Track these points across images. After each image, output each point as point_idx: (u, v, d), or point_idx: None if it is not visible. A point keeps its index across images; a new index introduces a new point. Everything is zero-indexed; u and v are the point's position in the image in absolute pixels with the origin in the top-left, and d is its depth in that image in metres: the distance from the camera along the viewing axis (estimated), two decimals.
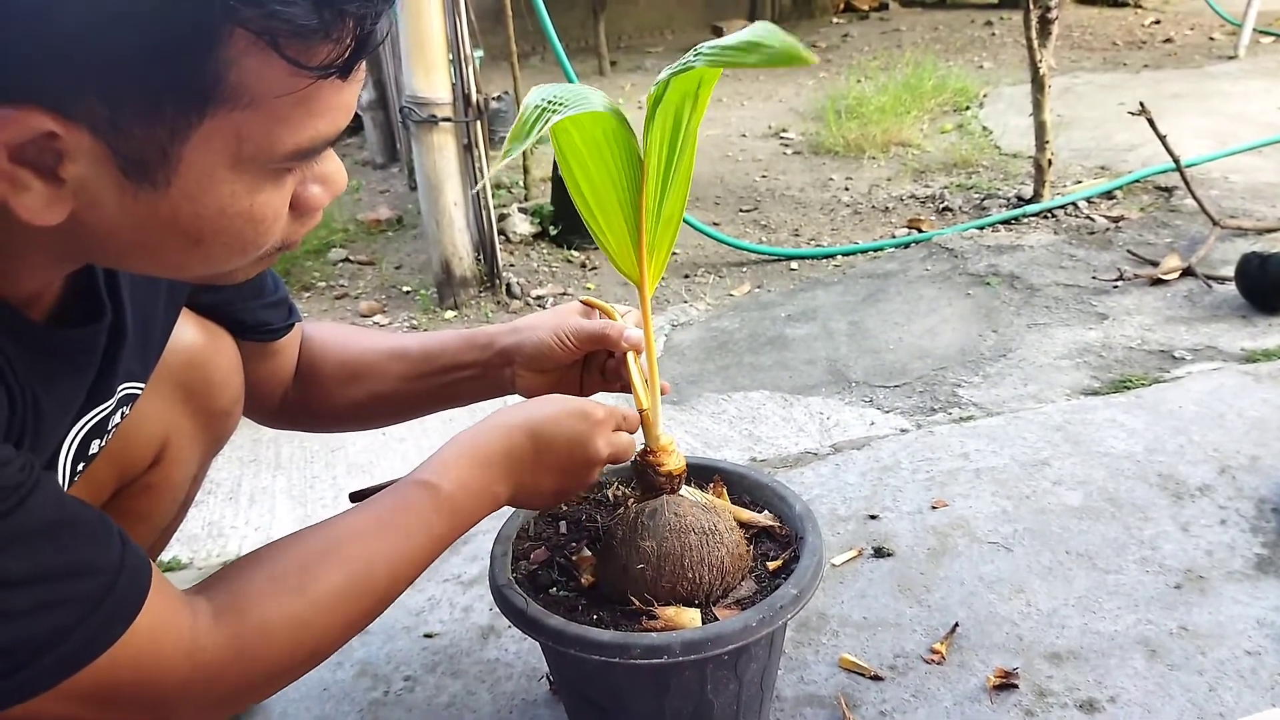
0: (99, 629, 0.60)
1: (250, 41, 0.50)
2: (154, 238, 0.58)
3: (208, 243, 0.59)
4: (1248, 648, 1.16)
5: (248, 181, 0.57)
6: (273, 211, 0.60)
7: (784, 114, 4.59)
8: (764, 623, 0.88)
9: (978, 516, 1.46)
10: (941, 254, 2.64)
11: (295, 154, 0.57)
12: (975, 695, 1.12)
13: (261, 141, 0.55)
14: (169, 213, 0.56)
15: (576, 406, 0.91)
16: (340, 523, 0.78)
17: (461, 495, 0.82)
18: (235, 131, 0.54)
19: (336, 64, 0.54)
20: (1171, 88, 4.26)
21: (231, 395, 0.98)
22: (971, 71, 4.96)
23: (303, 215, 0.64)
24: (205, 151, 0.54)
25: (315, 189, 0.64)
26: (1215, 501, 1.45)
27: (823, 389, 1.96)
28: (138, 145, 0.52)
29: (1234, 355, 1.91)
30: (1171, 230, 2.64)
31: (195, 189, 0.55)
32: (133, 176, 0.53)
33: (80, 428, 0.73)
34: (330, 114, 0.57)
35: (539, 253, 2.92)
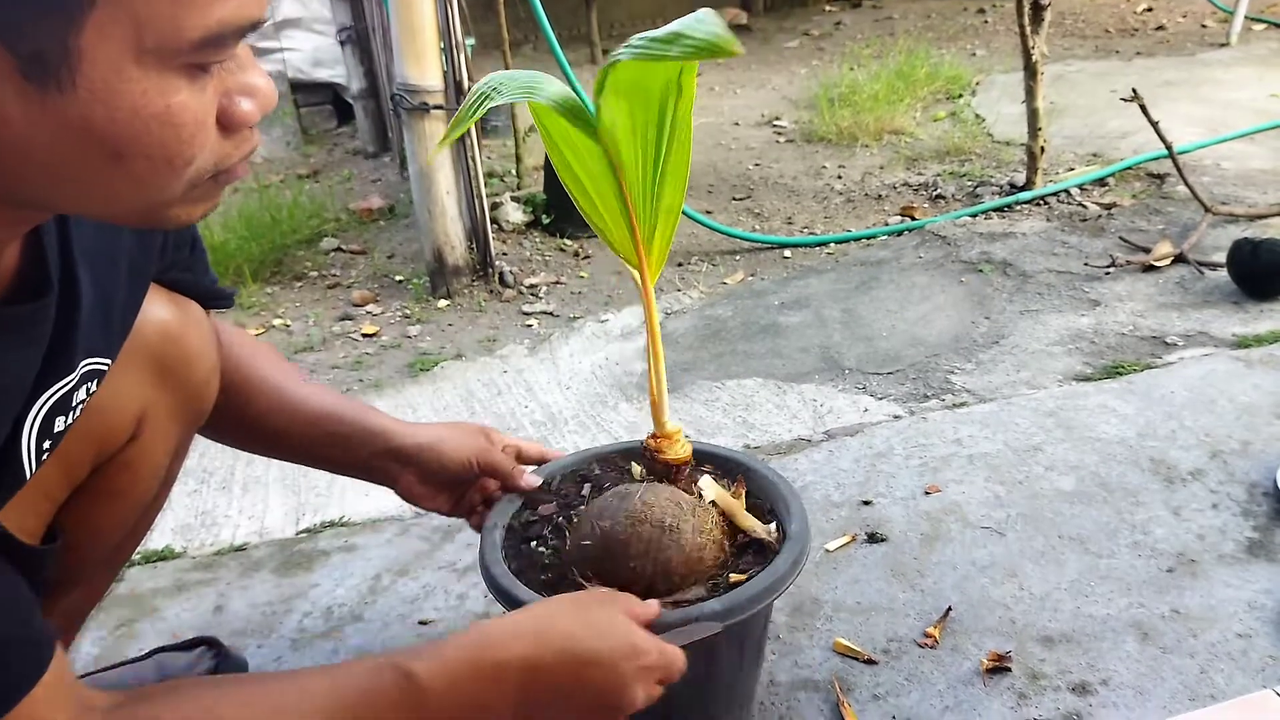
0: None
1: None
2: (71, 153, 0.54)
3: (128, 155, 0.55)
4: (1239, 630, 1.17)
5: (157, 79, 0.53)
6: (192, 116, 0.56)
7: (777, 102, 4.58)
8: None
9: (970, 502, 1.46)
10: (934, 241, 2.64)
11: (203, 42, 0.53)
12: (968, 678, 1.13)
13: (164, 27, 0.51)
14: (79, 118, 0.52)
15: (632, 642, 0.78)
16: (286, 689, 0.70)
17: (446, 701, 0.72)
18: (132, 15, 0.50)
19: None
20: (1164, 75, 4.26)
21: (207, 367, 0.97)
22: (964, 59, 4.95)
23: (233, 133, 0.60)
24: (104, 40, 0.50)
25: (244, 103, 0.60)
26: (1207, 486, 1.45)
27: (816, 376, 1.96)
28: (30, 39, 0.49)
29: (1225, 341, 1.91)
30: (1163, 217, 2.64)
31: (103, 87, 0.52)
32: (34, 78, 0.50)
33: (42, 404, 0.71)
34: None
35: (532, 241, 2.91)
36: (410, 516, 1.57)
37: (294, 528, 1.57)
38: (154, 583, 1.44)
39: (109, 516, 0.95)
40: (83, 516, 0.91)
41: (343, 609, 1.35)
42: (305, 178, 3.96)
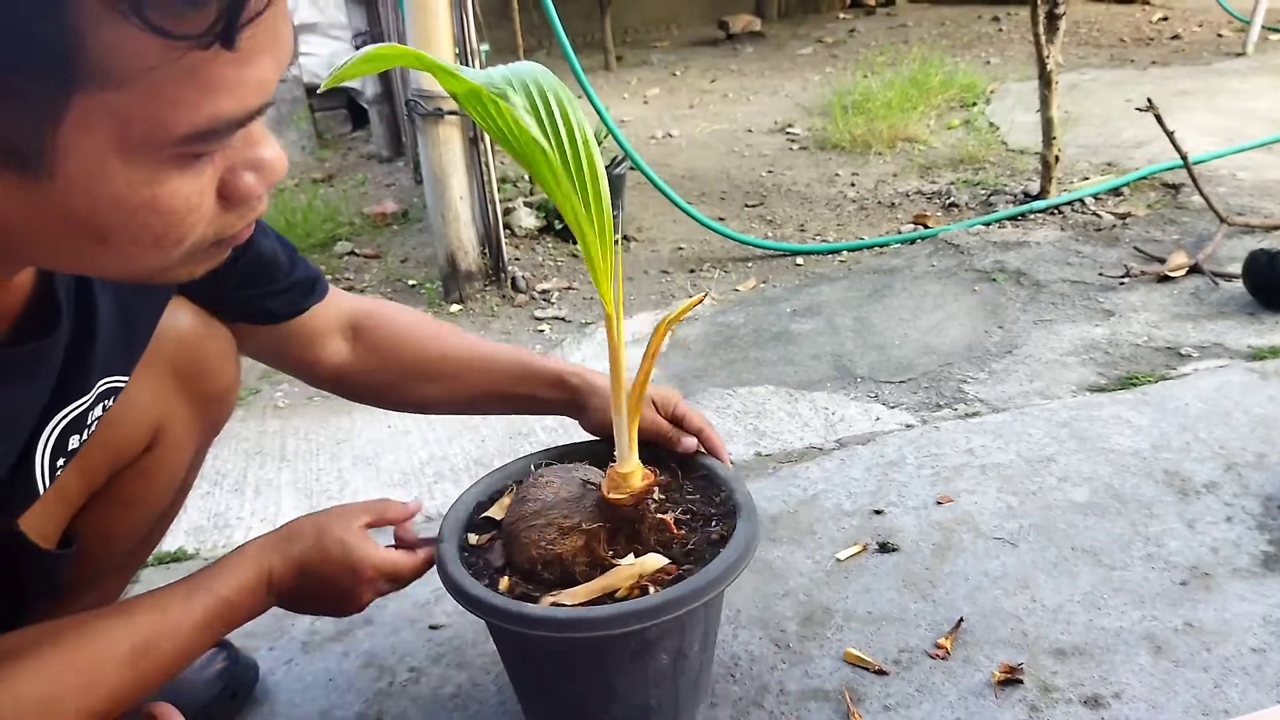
0: None
1: (102, 8, 0.44)
2: (56, 234, 0.53)
3: (115, 239, 0.53)
4: (1253, 645, 1.16)
5: (145, 170, 0.51)
6: (183, 202, 0.53)
7: (790, 109, 4.58)
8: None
9: (983, 512, 1.46)
10: (947, 250, 2.63)
11: (195, 137, 0.50)
12: (980, 690, 1.12)
13: (150, 124, 0.49)
14: (61, 206, 0.50)
15: (348, 562, 0.95)
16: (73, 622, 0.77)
17: (234, 601, 0.88)
18: (114, 113, 0.48)
19: (213, 31, 0.47)
20: (1179, 84, 4.24)
21: (225, 381, 0.98)
22: (979, 67, 4.94)
23: (237, 206, 0.58)
24: (85, 136, 0.48)
25: (248, 177, 0.57)
26: (1221, 499, 1.44)
27: (828, 384, 1.96)
28: (7, 134, 0.47)
29: (1241, 352, 1.90)
30: (1179, 227, 2.63)
31: (84, 178, 0.50)
32: (11, 166, 0.49)
33: (55, 426, 0.72)
34: (233, 91, 0.50)
35: (544, 247, 2.92)
36: (420, 522, 1.58)
37: None
38: (166, 583, 1.45)
39: (124, 523, 0.96)
40: (98, 522, 0.92)
41: None
42: (320, 182, 3.98)
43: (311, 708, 1.18)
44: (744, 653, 1.21)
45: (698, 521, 1.03)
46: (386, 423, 1.92)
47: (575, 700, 1.01)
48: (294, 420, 1.98)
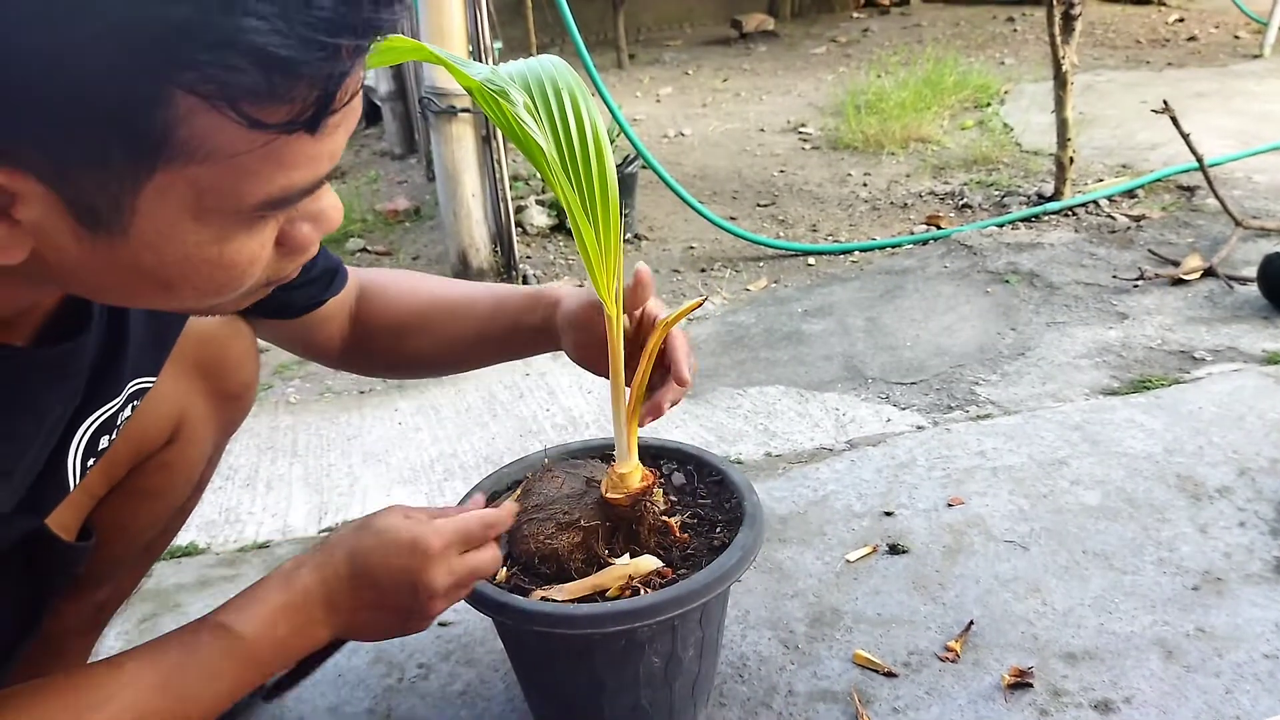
0: None
1: (196, 101, 0.46)
2: (120, 281, 0.55)
3: (177, 288, 0.56)
4: (1265, 651, 1.15)
5: (215, 230, 0.53)
6: (247, 257, 0.56)
7: (803, 109, 4.57)
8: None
9: (994, 515, 1.45)
10: (960, 251, 2.62)
11: (266, 204, 0.53)
12: (989, 693, 1.12)
13: (225, 194, 0.51)
14: (131, 260, 0.53)
15: (407, 537, 0.81)
16: (114, 674, 0.70)
17: (264, 643, 0.75)
18: (193, 185, 0.50)
19: (300, 121, 0.49)
20: (1195, 86, 4.22)
21: (245, 378, 0.99)
22: (993, 68, 4.93)
23: (292, 253, 0.60)
24: (162, 203, 0.50)
25: (305, 227, 0.60)
26: (1234, 503, 1.44)
27: (839, 385, 1.95)
28: (87, 195, 0.49)
29: (1255, 357, 1.89)
30: (1193, 230, 2.61)
31: (156, 238, 0.52)
32: (87, 224, 0.50)
33: (88, 427, 0.73)
34: (307, 164, 0.53)
35: (556, 245, 2.92)
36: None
37: (316, 526, 1.58)
38: (178, 578, 1.46)
39: (143, 516, 0.96)
40: (117, 515, 0.92)
41: None
42: (332, 178, 3.99)
43: (321, 703, 1.19)
44: (753, 653, 1.21)
45: (703, 526, 1.03)
46: (397, 419, 1.93)
47: (568, 696, 1.02)
48: (305, 416, 1.98)
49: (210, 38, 0.45)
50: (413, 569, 0.80)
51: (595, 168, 0.85)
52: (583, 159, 0.85)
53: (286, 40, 0.46)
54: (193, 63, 0.45)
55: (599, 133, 0.86)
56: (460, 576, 0.83)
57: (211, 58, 0.45)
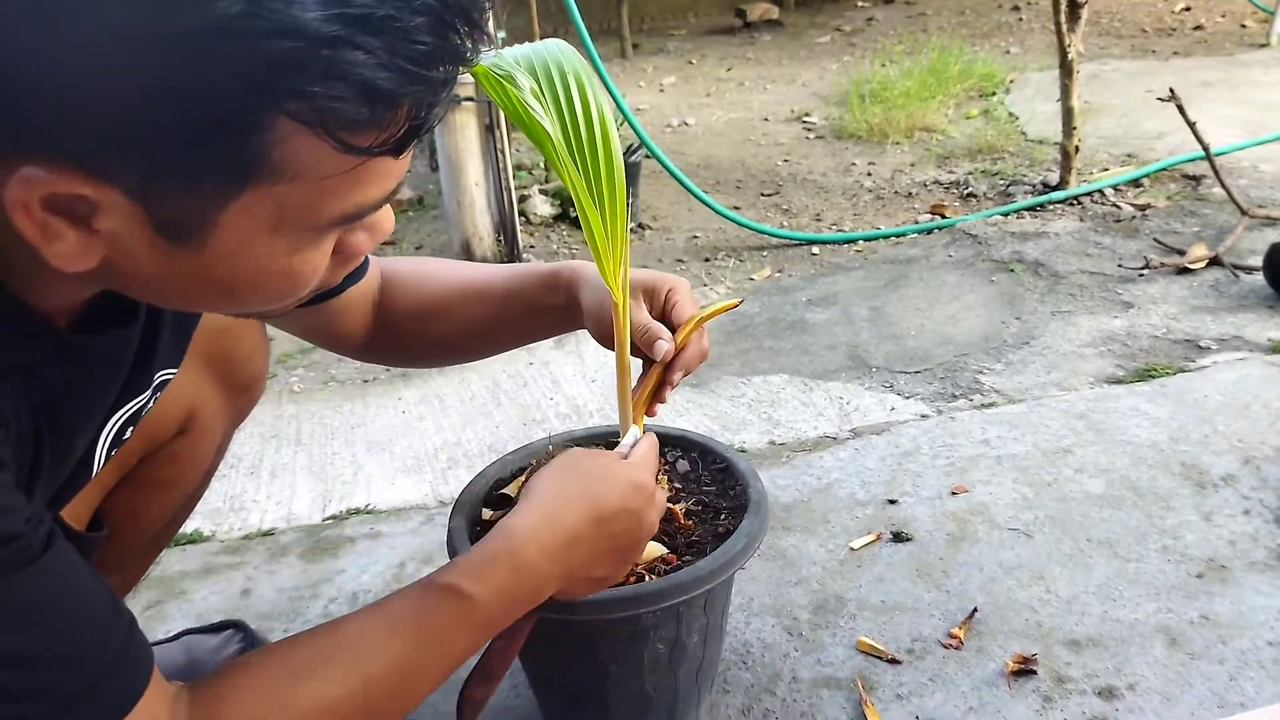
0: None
1: (297, 126, 0.49)
2: (189, 288, 0.57)
3: (242, 294, 0.58)
4: (1269, 638, 1.15)
5: (288, 243, 0.55)
6: (312, 268, 0.58)
7: (807, 98, 4.56)
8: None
9: (998, 503, 1.45)
10: (965, 240, 2.62)
11: (341, 220, 0.56)
12: (993, 680, 1.12)
13: (304, 210, 0.54)
14: (202, 269, 0.55)
15: (634, 479, 0.81)
16: (349, 628, 0.70)
17: (497, 607, 0.74)
18: (277, 202, 0.52)
19: (389, 145, 0.52)
20: (1201, 75, 4.20)
21: (256, 370, 0.99)
22: (998, 56, 4.90)
23: (346, 261, 0.63)
24: (244, 218, 0.52)
25: (361, 236, 0.62)
26: (1239, 492, 1.43)
27: (843, 374, 1.95)
28: (172, 210, 0.51)
29: (1260, 345, 1.89)
30: (1199, 219, 2.60)
31: (232, 249, 0.54)
32: (166, 236, 0.52)
33: (117, 420, 0.73)
34: (382, 181, 0.56)
35: (559, 234, 2.92)
36: (435, 506, 1.58)
37: (321, 514, 1.59)
38: (183, 565, 1.46)
39: (152, 506, 0.97)
40: (127, 505, 0.92)
41: (368, 595, 1.36)
42: None
43: None
44: (756, 640, 1.21)
45: (708, 513, 1.03)
46: (400, 408, 1.93)
47: (573, 682, 1.02)
48: (309, 404, 1.99)
49: (320, 69, 0.47)
50: (638, 510, 0.80)
51: (601, 152, 0.85)
52: (589, 144, 0.84)
53: (389, 73, 0.49)
54: (302, 93, 0.47)
55: (605, 117, 0.85)
56: (660, 514, 0.84)
57: (321, 89, 0.47)
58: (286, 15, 0.46)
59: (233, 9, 0.45)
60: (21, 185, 0.48)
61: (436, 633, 0.71)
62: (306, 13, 0.46)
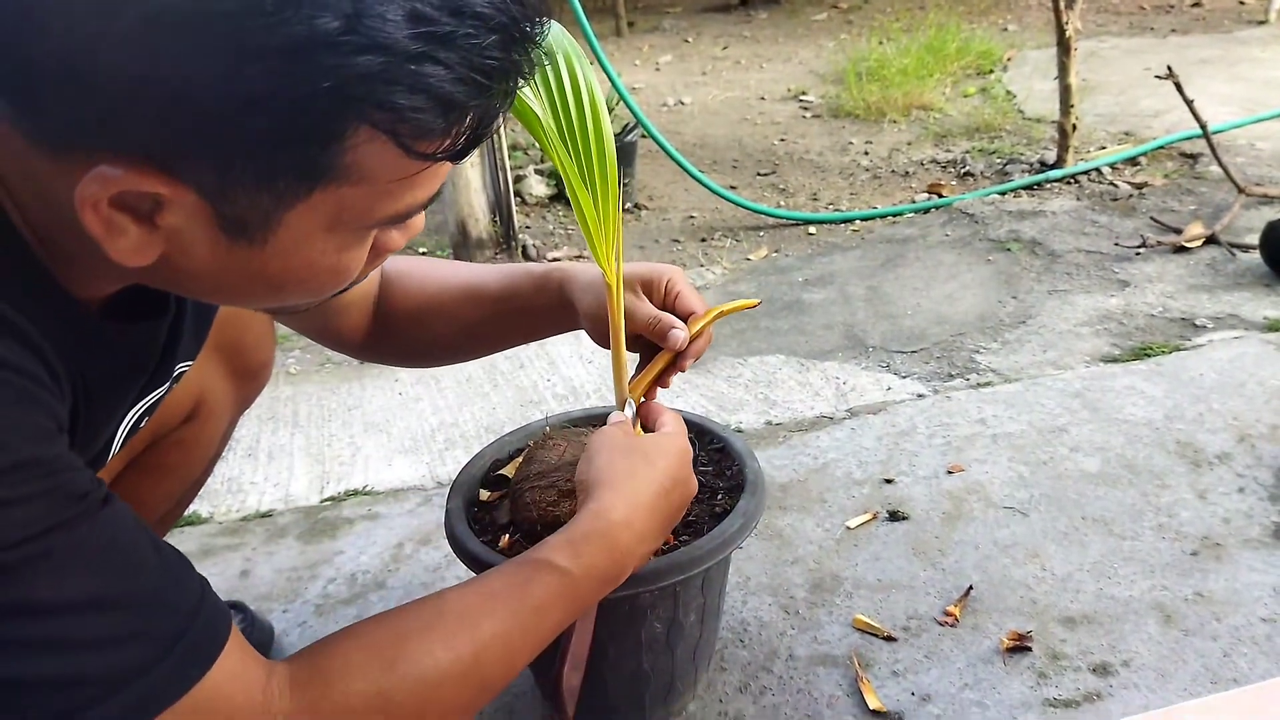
0: (174, 672, 0.55)
1: (373, 134, 0.51)
2: (238, 282, 0.59)
3: (288, 290, 0.60)
4: (1263, 615, 1.16)
5: (339, 241, 0.58)
6: (356, 264, 0.61)
7: (803, 76, 4.53)
8: None
9: (994, 482, 1.46)
10: (962, 219, 2.61)
11: (390, 219, 0.58)
12: (988, 657, 1.13)
13: (362, 210, 0.56)
14: (259, 266, 0.57)
15: (681, 447, 0.85)
16: (452, 597, 0.71)
17: (589, 583, 0.75)
18: (339, 202, 0.54)
19: (451, 152, 0.55)
20: (1199, 53, 4.18)
21: (263, 357, 0.99)
22: (996, 34, 4.88)
23: (379, 257, 0.65)
24: (306, 218, 0.55)
25: (395, 233, 0.65)
26: (1234, 469, 1.44)
27: (839, 354, 1.95)
28: (241, 209, 0.53)
29: (1256, 324, 1.89)
30: (1196, 197, 2.60)
31: (290, 247, 0.56)
32: (229, 233, 0.54)
33: (137, 410, 0.73)
34: (432, 184, 0.58)
35: (555, 215, 2.91)
36: (432, 487, 1.59)
37: (318, 495, 1.59)
38: (181, 547, 1.44)
39: (159, 491, 0.97)
40: (134, 491, 0.93)
41: (366, 576, 1.37)
42: None
43: None
44: (753, 619, 1.22)
45: (705, 493, 1.04)
46: (397, 390, 1.93)
47: None
48: (306, 386, 1.99)
49: (406, 82, 0.50)
50: (688, 478, 0.84)
51: (592, 135, 0.84)
52: (579, 126, 0.84)
53: (464, 86, 0.51)
54: (387, 103, 0.50)
55: (596, 99, 0.85)
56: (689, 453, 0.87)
57: (405, 101, 0.50)
58: (380, 32, 0.48)
59: (332, 25, 0.47)
60: (97, 183, 0.50)
61: (536, 605, 0.72)
62: (398, 30, 0.48)
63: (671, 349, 0.92)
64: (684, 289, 0.96)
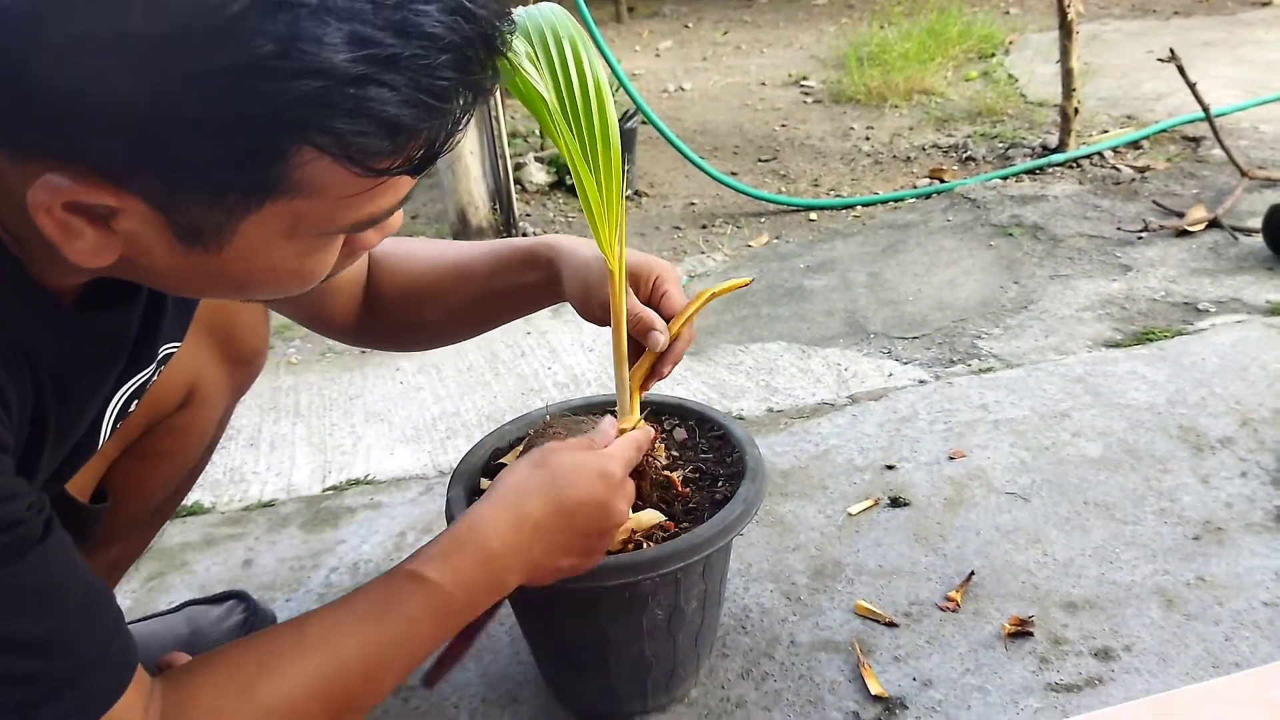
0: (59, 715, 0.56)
1: (316, 152, 0.51)
2: (200, 283, 0.59)
3: (253, 290, 0.60)
4: (1265, 599, 1.16)
5: (301, 246, 0.57)
6: (323, 266, 0.61)
7: (804, 61, 4.51)
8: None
9: (995, 467, 1.46)
10: (964, 204, 2.61)
11: (354, 227, 0.58)
12: (990, 642, 1.13)
13: (319, 220, 0.56)
14: (218, 269, 0.57)
15: (599, 466, 0.81)
16: (313, 619, 0.70)
17: (460, 593, 0.74)
18: (294, 213, 0.54)
19: (407, 168, 0.54)
20: (1201, 35, 4.16)
21: (257, 343, 0.99)
22: (998, 18, 4.85)
23: (353, 254, 0.65)
24: (261, 227, 0.54)
25: (371, 233, 0.64)
26: (1236, 454, 1.44)
27: (841, 340, 1.95)
28: (193, 219, 0.53)
29: (1259, 308, 1.88)
30: (1198, 181, 2.59)
31: (248, 254, 0.56)
32: (184, 240, 0.54)
33: (122, 394, 0.73)
34: (394, 193, 0.57)
35: (555, 202, 2.90)
36: (434, 475, 1.59)
37: (320, 485, 1.59)
38: (184, 537, 1.47)
39: (156, 478, 0.97)
40: (130, 478, 0.93)
41: (369, 565, 1.37)
42: None
43: None
44: (755, 605, 1.22)
45: (705, 480, 1.04)
46: (399, 379, 1.93)
47: (573, 649, 1.03)
48: (307, 375, 1.99)
49: (346, 106, 0.49)
50: (603, 499, 0.80)
51: (596, 117, 0.84)
52: (584, 108, 0.84)
53: (412, 109, 0.50)
54: (326, 128, 0.49)
55: (600, 81, 0.85)
56: (630, 505, 0.83)
57: (346, 125, 0.49)
58: (317, 57, 0.47)
59: (264, 49, 0.47)
60: (45, 191, 0.50)
61: (403, 621, 0.71)
62: (336, 54, 0.48)
63: (650, 350, 0.92)
64: (671, 289, 0.95)
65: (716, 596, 1.06)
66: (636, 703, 1.06)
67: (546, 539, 0.78)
